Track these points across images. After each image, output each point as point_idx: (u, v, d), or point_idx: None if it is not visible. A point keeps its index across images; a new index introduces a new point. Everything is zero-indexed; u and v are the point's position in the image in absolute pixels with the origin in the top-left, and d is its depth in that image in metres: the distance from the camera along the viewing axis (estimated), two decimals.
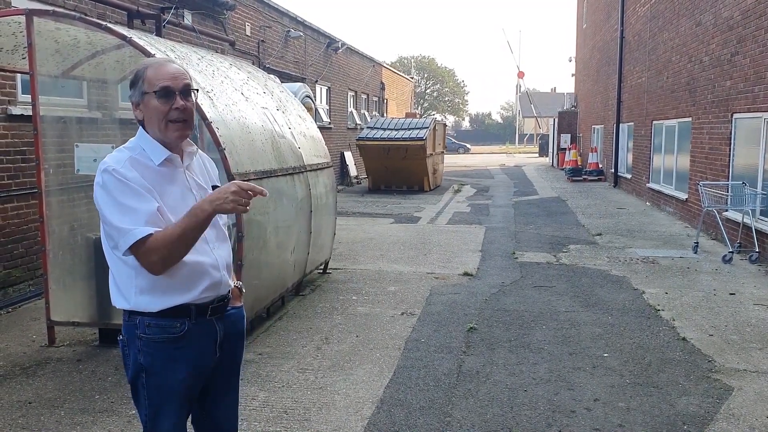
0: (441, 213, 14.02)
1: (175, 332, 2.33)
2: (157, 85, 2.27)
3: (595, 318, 6.16)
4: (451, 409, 4.21)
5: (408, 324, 6.00)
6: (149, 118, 2.32)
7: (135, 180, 2.22)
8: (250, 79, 6.71)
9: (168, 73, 2.30)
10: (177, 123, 2.31)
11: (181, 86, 2.30)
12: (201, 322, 2.38)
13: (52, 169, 5.46)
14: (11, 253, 6.84)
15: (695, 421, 4.04)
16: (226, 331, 2.50)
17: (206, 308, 2.38)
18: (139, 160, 2.29)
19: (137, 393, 2.41)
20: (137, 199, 2.19)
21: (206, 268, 2.35)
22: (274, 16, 15.88)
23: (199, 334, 2.38)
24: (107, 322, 5.39)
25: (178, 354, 2.34)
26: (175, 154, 2.37)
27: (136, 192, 2.20)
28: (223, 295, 2.46)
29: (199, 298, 2.35)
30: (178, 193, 2.34)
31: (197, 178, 2.46)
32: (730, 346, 5.38)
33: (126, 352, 2.40)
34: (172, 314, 2.32)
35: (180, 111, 2.30)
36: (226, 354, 2.52)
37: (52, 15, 5.13)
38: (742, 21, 9.63)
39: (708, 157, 11.05)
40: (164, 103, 2.28)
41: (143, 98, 2.30)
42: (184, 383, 2.37)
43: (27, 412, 4.17)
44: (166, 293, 2.30)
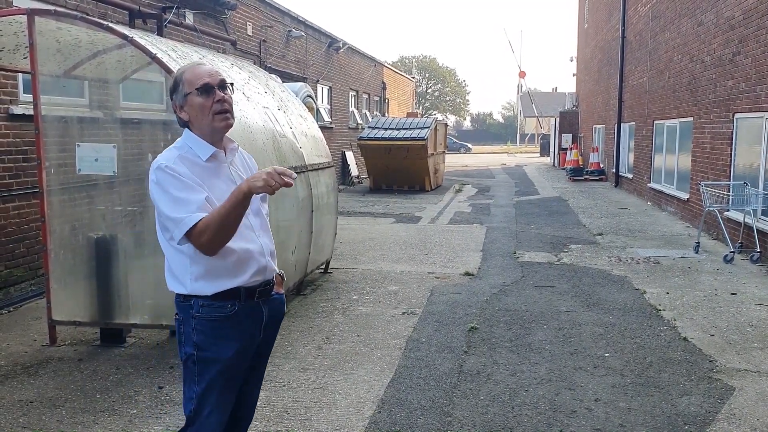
0: (442, 213, 14.02)
1: (227, 312, 2.53)
2: (197, 84, 2.49)
3: (597, 318, 6.16)
4: (452, 409, 4.21)
5: (409, 324, 6.00)
6: (195, 116, 2.53)
7: (185, 174, 2.42)
8: (251, 79, 6.72)
9: (205, 72, 2.52)
10: (221, 114, 2.51)
11: (218, 81, 2.51)
12: (249, 304, 2.57)
13: (53, 169, 5.46)
14: (13, 252, 6.85)
15: (696, 421, 4.04)
16: (269, 314, 2.68)
17: (254, 291, 2.58)
18: (187, 158, 2.50)
19: (189, 369, 2.58)
20: (188, 191, 2.40)
21: (253, 254, 2.56)
22: (275, 15, 15.88)
23: (247, 315, 2.58)
24: (108, 322, 5.39)
25: (228, 332, 2.54)
26: (219, 150, 2.57)
27: (186, 185, 2.41)
28: (268, 280, 2.65)
29: (248, 282, 2.55)
30: (224, 186, 2.51)
31: (240, 172, 2.65)
32: (731, 346, 5.38)
33: (181, 330, 2.59)
34: (224, 297, 2.52)
35: (221, 102, 2.50)
36: (267, 336, 2.73)
37: (54, 15, 5.13)
38: (743, 21, 9.62)
39: (709, 157, 11.04)
40: (206, 98, 2.49)
41: (186, 99, 2.52)
42: (231, 360, 2.55)
43: (28, 411, 4.17)
44: (220, 278, 2.50)
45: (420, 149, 17.91)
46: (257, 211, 2.64)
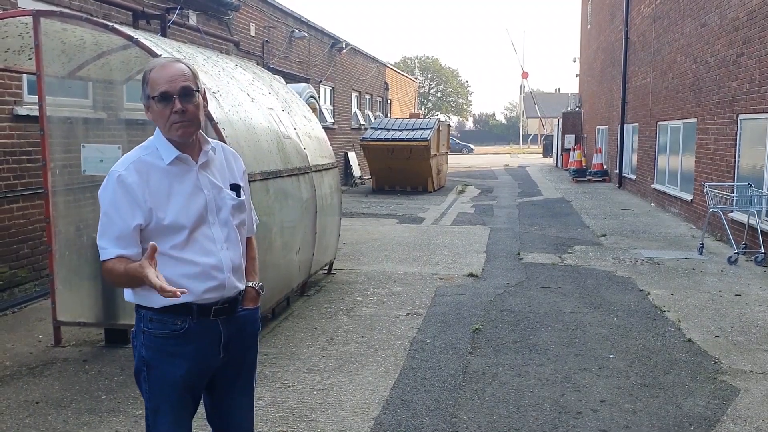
0: (445, 214, 14.01)
1: (176, 329, 2.38)
2: (156, 90, 2.31)
3: (601, 319, 6.15)
4: (458, 410, 4.21)
5: (413, 325, 5.99)
6: (155, 120, 2.37)
7: (131, 187, 2.29)
8: (255, 80, 6.72)
9: (167, 77, 2.30)
10: (178, 123, 2.33)
11: (179, 89, 2.30)
12: (203, 322, 2.41)
13: (58, 170, 5.47)
14: (17, 253, 6.86)
15: (702, 422, 4.03)
16: (233, 332, 2.50)
17: (209, 309, 2.41)
18: (147, 161, 2.35)
19: (140, 385, 2.48)
20: (119, 213, 2.29)
21: (208, 269, 2.38)
22: (278, 16, 15.90)
23: (200, 333, 2.41)
24: (113, 323, 5.40)
25: (178, 350, 2.39)
26: (186, 154, 2.39)
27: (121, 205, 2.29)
28: (228, 297, 2.46)
29: (201, 299, 2.38)
30: (188, 192, 2.37)
31: (213, 177, 2.47)
32: (736, 347, 5.37)
33: (134, 343, 2.49)
34: (174, 311, 2.36)
35: (179, 114, 2.31)
36: (233, 355, 2.53)
37: (59, 16, 5.14)
38: (747, 22, 9.61)
39: (713, 158, 11.03)
40: (164, 107, 2.31)
41: (148, 102, 2.35)
42: (183, 379, 2.40)
43: (34, 412, 4.18)
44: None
45: (423, 150, 17.91)
46: (225, 221, 2.44)
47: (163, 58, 2.41)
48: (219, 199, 2.45)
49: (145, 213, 2.30)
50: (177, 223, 2.34)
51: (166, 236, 2.33)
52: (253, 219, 2.73)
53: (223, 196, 2.46)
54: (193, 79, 2.36)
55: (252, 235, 2.73)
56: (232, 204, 2.48)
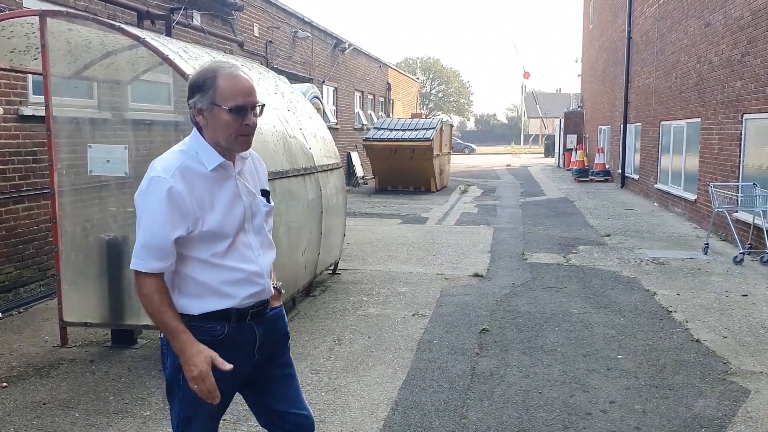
0: (448, 213, 13.99)
1: (215, 335, 2.34)
2: (230, 102, 2.25)
3: (608, 319, 6.13)
4: (467, 411, 4.20)
5: (420, 325, 5.98)
6: (214, 129, 2.29)
7: (177, 195, 2.21)
8: (261, 80, 6.70)
9: (243, 90, 2.27)
10: (245, 137, 2.32)
11: (254, 104, 2.29)
12: (240, 327, 2.39)
13: (64, 170, 5.46)
14: (22, 253, 6.85)
15: (713, 423, 4.01)
16: (265, 333, 2.50)
17: (246, 313, 2.40)
18: (190, 167, 2.28)
19: (173, 392, 2.41)
20: (162, 224, 2.21)
21: (251, 276, 2.38)
22: (281, 16, 15.89)
23: (237, 338, 2.39)
24: (120, 323, 5.38)
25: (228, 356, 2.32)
26: (228, 161, 2.36)
27: (165, 216, 2.21)
28: (263, 300, 2.47)
29: (241, 304, 2.37)
30: (228, 200, 2.34)
31: (248, 183, 2.45)
32: (744, 348, 5.35)
33: (164, 351, 2.40)
34: (212, 317, 2.34)
35: (249, 127, 2.30)
36: (266, 354, 2.53)
37: (66, 16, 5.13)
38: (752, 21, 9.58)
39: (717, 158, 11.01)
40: (236, 119, 2.27)
41: (212, 109, 2.27)
42: (220, 386, 2.33)
43: (42, 413, 4.17)
44: (209, 297, 2.32)
45: (426, 150, 17.90)
46: (259, 228, 2.45)
47: (227, 64, 2.32)
48: (254, 206, 2.44)
49: (189, 222, 2.25)
50: (221, 232, 2.31)
51: (208, 243, 2.31)
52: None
53: (257, 202, 2.46)
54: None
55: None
56: (265, 210, 2.48)
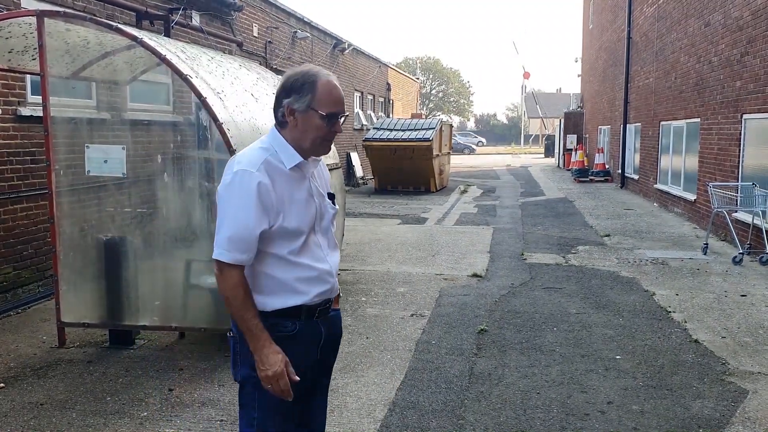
0: (448, 214, 13.99)
1: (287, 331, 2.39)
2: (327, 109, 2.34)
3: (606, 320, 6.12)
4: (464, 412, 4.19)
5: (418, 326, 5.97)
6: (303, 131, 2.37)
7: (263, 189, 2.28)
8: (260, 80, 6.70)
9: (339, 98, 2.37)
10: (328, 142, 2.41)
11: (344, 113, 2.40)
12: (309, 323, 2.45)
13: (62, 170, 5.45)
14: (21, 254, 6.85)
15: (711, 424, 4.01)
16: (327, 332, 2.55)
17: (315, 310, 2.45)
18: (272, 163, 2.34)
19: (246, 392, 2.43)
20: (250, 217, 2.27)
21: (322, 274, 2.44)
22: (281, 17, 15.88)
23: (306, 335, 2.45)
24: (117, 323, 5.38)
25: (288, 353, 2.35)
26: (305, 161, 2.42)
27: (253, 207, 2.27)
28: (329, 299, 2.52)
29: (311, 302, 2.42)
30: (304, 199, 2.41)
31: (318, 185, 2.52)
32: (743, 348, 5.34)
33: (237, 350, 2.43)
34: (285, 314, 2.39)
35: (335, 133, 2.41)
36: (325, 355, 2.58)
37: (63, 16, 5.13)
38: (752, 21, 9.58)
39: (717, 158, 11.00)
40: (327, 124, 2.35)
41: (308, 111, 2.34)
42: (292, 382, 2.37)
43: (39, 413, 4.16)
44: (282, 294, 2.38)
45: (425, 150, 17.89)
46: (326, 229, 2.52)
47: (324, 71, 2.39)
48: (323, 207, 2.50)
49: (271, 217, 2.31)
50: (299, 229, 2.37)
51: (286, 240, 2.36)
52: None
53: (326, 204, 2.52)
54: None
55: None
56: (332, 212, 2.54)
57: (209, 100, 4.93)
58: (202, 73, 5.32)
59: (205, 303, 5.48)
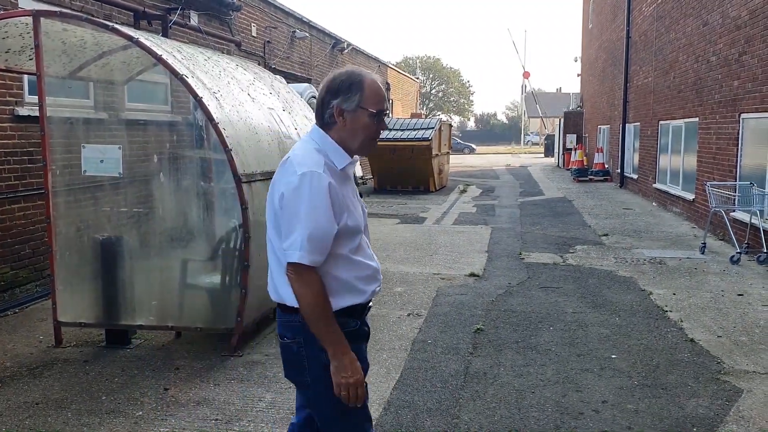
0: (447, 213, 13.99)
1: (350, 328, 2.40)
2: (376, 107, 2.37)
3: (603, 319, 6.13)
4: (459, 411, 4.20)
5: (415, 325, 5.98)
6: (352, 130, 2.39)
7: (334, 190, 2.30)
8: (256, 80, 6.71)
9: (383, 96, 2.40)
10: (375, 141, 2.44)
11: (387, 110, 2.41)
12: (364, 321, 2.51)
13: (58, 170, 5.46)
14: (18, 253, 6.86)
15: (704, 423, 4.02)
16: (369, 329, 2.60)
17: (366, 308, 2.51)
18: (329, 164, 2.36)
19: (321, 394, 2.39)
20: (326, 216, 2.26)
21: (375, 272, 2.49)
22: (279, 16, 15.89)
23: (363, 332, 2.50)
24: (114, 323, 5.39)
25: (355, 348, 2.36)
26: (352, 162, 2.46)
27: (328, 207, 2.27)
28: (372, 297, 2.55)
29: (366, 299, 2.47)
30: (355, 198, 2.46)
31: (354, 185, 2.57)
32: (738, 347, 5.35)
33: (302, 353, 2.40)
34: (347, 313, 2.40)
35: (380, 132, 2.44)
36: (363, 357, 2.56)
37: (59, 16, 5.14)
38: (750, 20, 9.58)
39: (715, 158, 11.00)
40: (376, 123, 2.39)
41: (357, 111, 2.36)
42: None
43: (34, 412, 4.17)
44: (344, 293, 2.38)
45: (425, 150, 17.90)
46: (367, 228, 2.56)
47: (367, 71, 2.43)
48: (364, 207, 2.55)
49: (338, 216, 2.32)
50: (359, 227, 2.40)
51: (347, 239, 2.37)
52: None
53: (363, 204, 2.57)
54: None
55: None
56: (366, 212, 2.58)
57: (205, 100, 4.94)
58: (198, 72, 5.33)
59: (201, 303, 5.49)
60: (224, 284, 5.39)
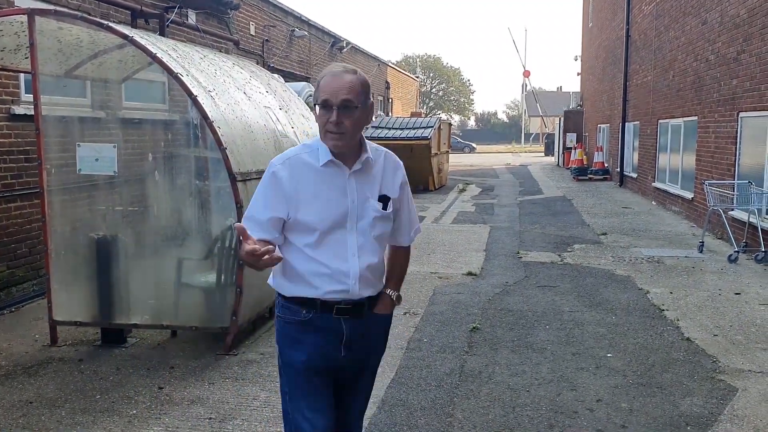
0: (445, 212, 13.99)
1: (300, 317, 2.50)
2: (320, 97, 2.39)
3: (599, 318, 6.12)
4: (453, 410, 4.19)
5: (411, 324, 5.98)
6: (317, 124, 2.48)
7: (279, 181, 2.44)
8: (252, 78, 6.70)
9: (333, 86, 2.38)
10: (332, 134, 2.40)
11: (339, 102, 2.36)
12: (325, 317, 2.49)
13: (54, 169, 5.46)
14: (14, 252, 6.86)
15: (699, 422, 4.01)
16: (357, 333, 2.53)
17: (332, 306, 2.48)
18: (303, 160, 2.47)
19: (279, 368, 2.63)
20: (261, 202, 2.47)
21: (336, 273, 2.45)
22: (278, 15, 15.88)
23: (321, 327, 2.50)
24: (109, 322, 5.39)
25: (302, 337, 2.50)
26: (339, 160, 2.45)
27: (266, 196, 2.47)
28: (354, 300, 2.49)
29: (324, 297, 2.46)
30: (333, 196, 2.45)
31: (364, 184, 2.50)
32: (734, 346, 5.34)
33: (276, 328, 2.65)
34: (300, 302, 2.49)
35: (334, 125, 2.38)
36: (357, 356, 2.58)
37: (54, 14, 5.13)
38: (748, 19, 9.57)
39: (714, 156, 10.99)
40: (323, 114, 2.40)
41: (315, 107, 2.45)
42: (304, 365, 2.50)
43: (28, 411, 4.17)
44: (296, 284, 2.49)
45: (424, 149, 17.89)
46: (363, 230, 2.48)
47: (339, 66, 2.45)
48: (362, 208, 2.48)
49: (287, 208, 2.44)
50: (309, 224, 2.43)
51: (301, 233, 2.46)
52: (414, 228, 2.77)
53: (367, 206, 2.49)
54: (358, 93, 2.40)
55: (408, 245, 2.79)
56: (374, 215, 2.49)
57: (200, 98, 4.94)
58: (193, 71, 5.32)
59: (196, 302, 5.49)
60: (219, 283, 5.38)
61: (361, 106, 2.41)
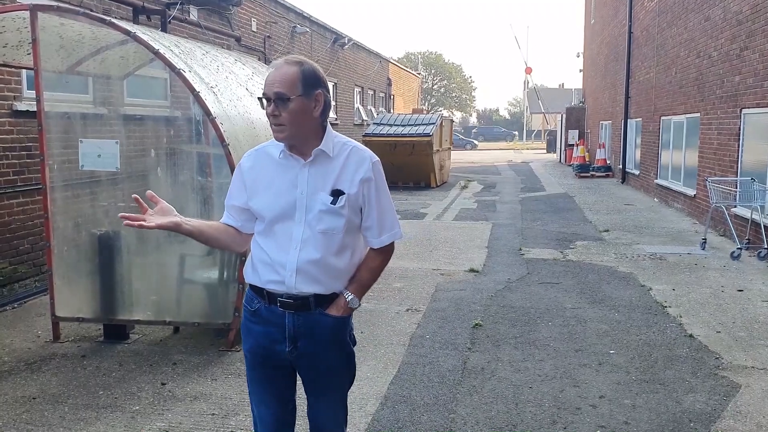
0: (447, 209, 13.98)
1: (252, 306, 2.56)
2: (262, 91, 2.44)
3: (602, 314, 6.12)
4: (456, 406, 4.19)
5: (413, 320, 5.97)
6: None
7: (243, 172, 2.55)
8: (255, 75, 6.69)
9: (270, 79, 2.39)
10: (273, 127, 2.42)
11: (272, 94, 2.35)
12: (271, 309, 2.51)
13: (56, 165, 5.46)
14: (17, 249, 6.86)
15: (702, 418, 4.00)
16: (302, 329, 2.49)
17: (274, 298, 2.50)
18: (267, 152, 2.53)
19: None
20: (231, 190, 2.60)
21: (274, 263, 2.47)
22: (280, 11, 15.86)
23: (268, 318, 2.53)
24: (112, 318, 5.39)
25: (252, 326, 2.57)
26: (291, 153, 2.46)
27: (233, 185, 2.60)
28: (296, 295, 2.45)
29: (266, 286, 2.50)
30: (282, 187, 2.47)
31: (318, 176, 2.45)
32: (737, 343, 5.34)
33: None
34: (254, 291, 2.55)
35: (271, 117, 2.39)
36: (305, 354, 2.52)
37: (56, 10, 5.14)
38: (751, 15, 9.54)
39: (716, 153, 10.97)
40: (265, 107, 2.42)
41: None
42: (251, 354, 2.58)
43: (31, 407, 4.17)
44: (249, 270, 2.56)
45: (425, 146, 17.87)
46: (310, 223, 2.42)
47: (283, 58, 2.44)
48: (311, 200, 2.44)
49: (246, 196, 2.54)
50: (258, 212, 2.51)
51: (258, 222, 2.55)
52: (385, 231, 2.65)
53: (316, 198, 2.43)
54: (293, 84, 2.34)
55: (377, 247, 2.65)
56: (319, 209, 2.43)
57: (202, 94, 4.93)
58: (195, 67, 5.31)
59: (198, 298, 5.49)
60: (222, 279, 5.38)
61: (297, 97, 2.34)
